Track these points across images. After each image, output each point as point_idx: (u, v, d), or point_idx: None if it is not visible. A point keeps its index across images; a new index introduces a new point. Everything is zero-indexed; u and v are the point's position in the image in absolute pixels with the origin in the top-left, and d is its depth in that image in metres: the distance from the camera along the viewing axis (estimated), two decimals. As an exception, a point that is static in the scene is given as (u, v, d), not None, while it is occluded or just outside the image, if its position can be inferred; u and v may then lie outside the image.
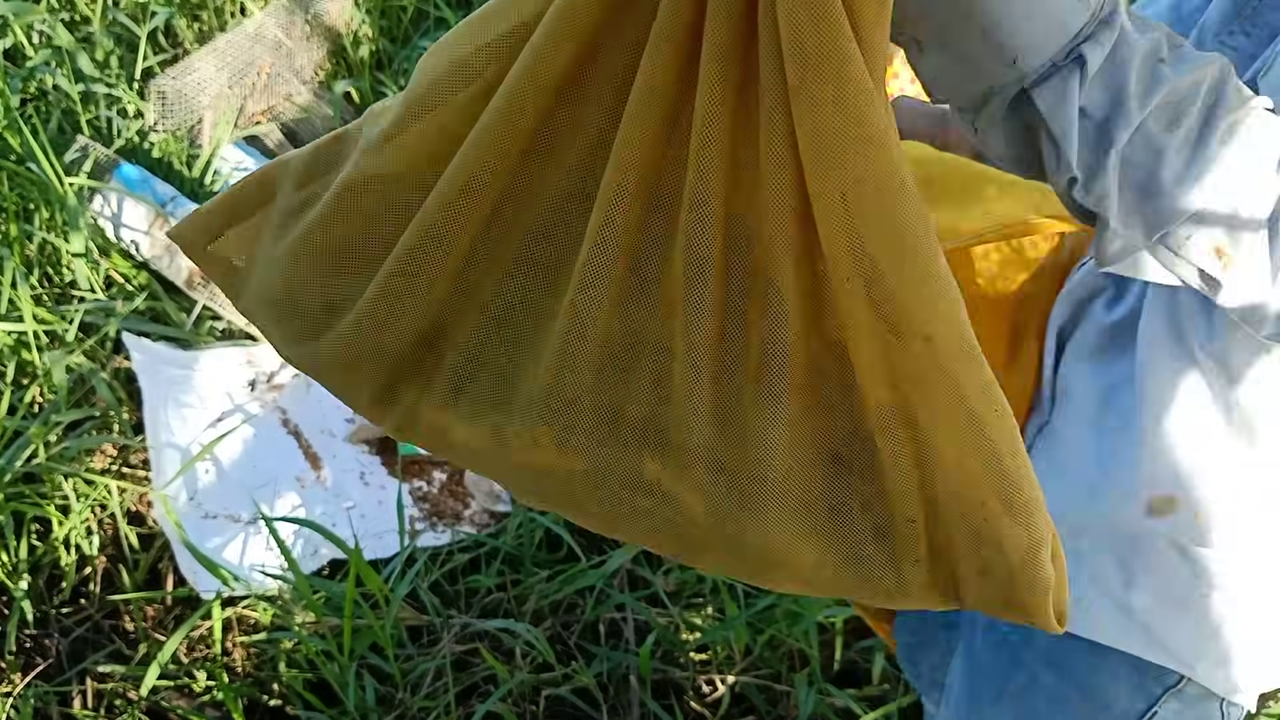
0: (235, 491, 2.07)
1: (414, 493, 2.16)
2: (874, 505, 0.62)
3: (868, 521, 0.62)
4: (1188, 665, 0.92)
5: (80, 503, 1.94)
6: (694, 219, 0.57)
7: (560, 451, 0.62)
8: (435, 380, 0.65)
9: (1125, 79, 0.62)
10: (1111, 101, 0.62)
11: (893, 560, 0.63)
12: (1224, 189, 0.65)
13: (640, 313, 0.60)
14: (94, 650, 1.87)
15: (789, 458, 0.61)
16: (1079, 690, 0.96)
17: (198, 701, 1.82)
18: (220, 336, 2.35)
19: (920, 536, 0.62)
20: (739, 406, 0.60)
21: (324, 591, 1.84)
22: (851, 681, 1.88)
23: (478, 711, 1.72)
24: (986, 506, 0.60)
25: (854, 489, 0.62)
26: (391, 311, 0.62)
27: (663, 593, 1.90)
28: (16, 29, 2.64)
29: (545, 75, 0.57)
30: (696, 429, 0.60)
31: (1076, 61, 0.61)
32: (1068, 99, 0.61)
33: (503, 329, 0.63)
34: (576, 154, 0.60)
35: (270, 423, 2.24)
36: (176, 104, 2.60)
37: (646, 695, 1.79)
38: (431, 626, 1.87)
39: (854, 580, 0.63)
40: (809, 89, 0.53)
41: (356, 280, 0.64)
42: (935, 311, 0.57)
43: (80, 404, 2.09)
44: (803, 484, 0.61)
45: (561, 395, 0.61)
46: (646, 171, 0.58)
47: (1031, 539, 0.61)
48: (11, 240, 2.22)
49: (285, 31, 2.79)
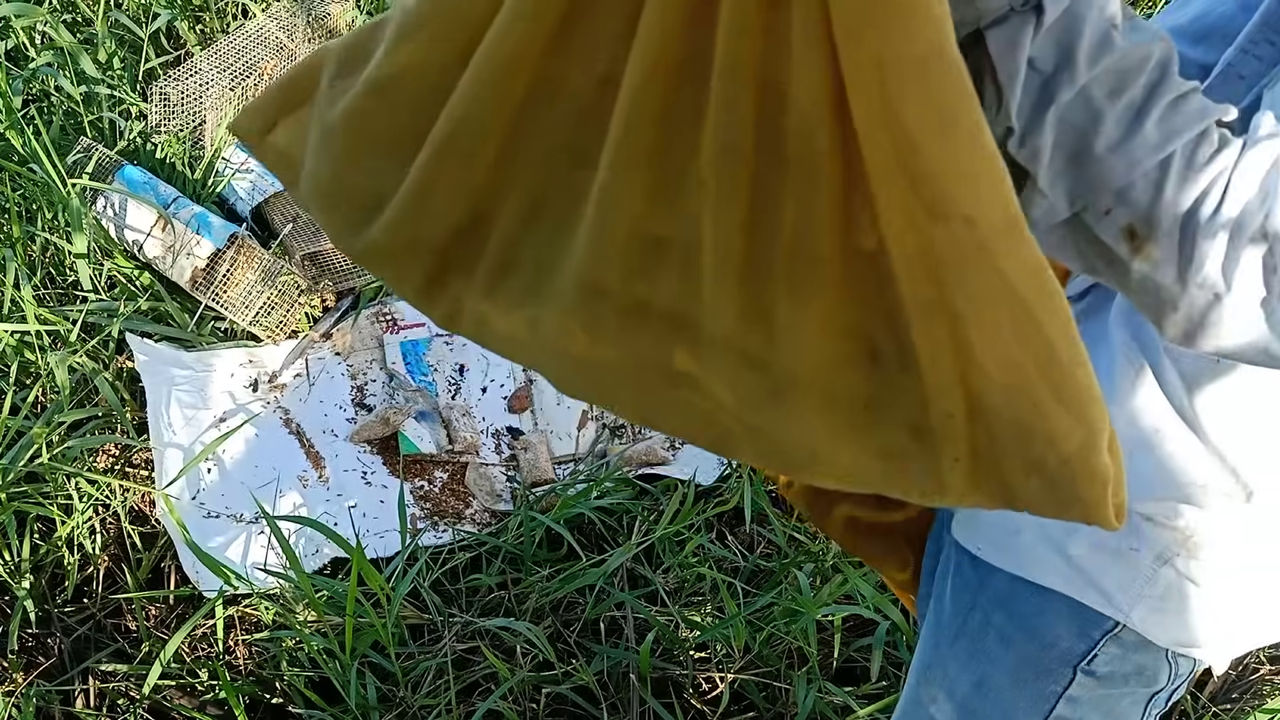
0: (237, 491, 2.08)
1: (415, 492, 2.17)
2: (911, 400, 0.58)
3: (904, 417, 0.59)
4: (1122, 612, 0.95)
5: (83, 502, 1.95)
6: (725, 90, 0.55)
7: (592, 341, 0.61)
8: (477, 270, 0.65)
9: (1078, 36, 0.61)
10: (1060, 57, 0.62)
11: (933, 457, 0.60)
12: (1150, 170, 0.64)
13: (670, 198, 0.58)
14: (96, 649, 1.88)
15: (821, 353, 0.58)
16: (1025, 631, 1.01)
17: (200, 700, 1.83)
18: (223, 337, 2.36)
19: (960, 433, 0.58)
20: (770, 298, 0.58)
21: (326, 590, 1.84)
22: (850, 679, 1.89)
23: (479, 709, 1.73)
24: (1035, 397, 0.57)
25: (891, 383, 0.59)
26: (429, 200, 0.62)
27: (662, 591, 1.91)
28: (19, 30, 2.65)
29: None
30: (725, 320, 0.58)
31: (1034, 9, 0.60)
32: (1019, 45, 0.61)
33: (539, 218, 0.63)
34: (606, 36, 0.58)
35: (272, 422, 2.24)
36: (179, 106, 2.61)
37: (646, 693, 1.79)
38: (433, 625, 1.88)
39: (892, 477, 0.61)
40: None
41: (398, 170, 0.63)
42: (977, 191, 0.53)
43: (83, 404, 2.09)
44: (836, 379, 0.59)
45: (592, 285, 0.60)
46: (675, 47, 0.55)
47: (1087, 430, 0.58)
48: (15, 241, 2.23)
49: (287, 33, 2.80)
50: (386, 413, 2.25)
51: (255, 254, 2.35)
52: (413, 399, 2.31)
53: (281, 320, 2.36)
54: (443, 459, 2.22)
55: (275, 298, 2.35)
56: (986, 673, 1.05)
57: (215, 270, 2.33)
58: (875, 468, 0.61)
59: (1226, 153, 0.64)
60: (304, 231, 2.47)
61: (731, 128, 0.55)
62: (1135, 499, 0.88)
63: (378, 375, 2.37)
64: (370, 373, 2.38)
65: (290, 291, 2.37)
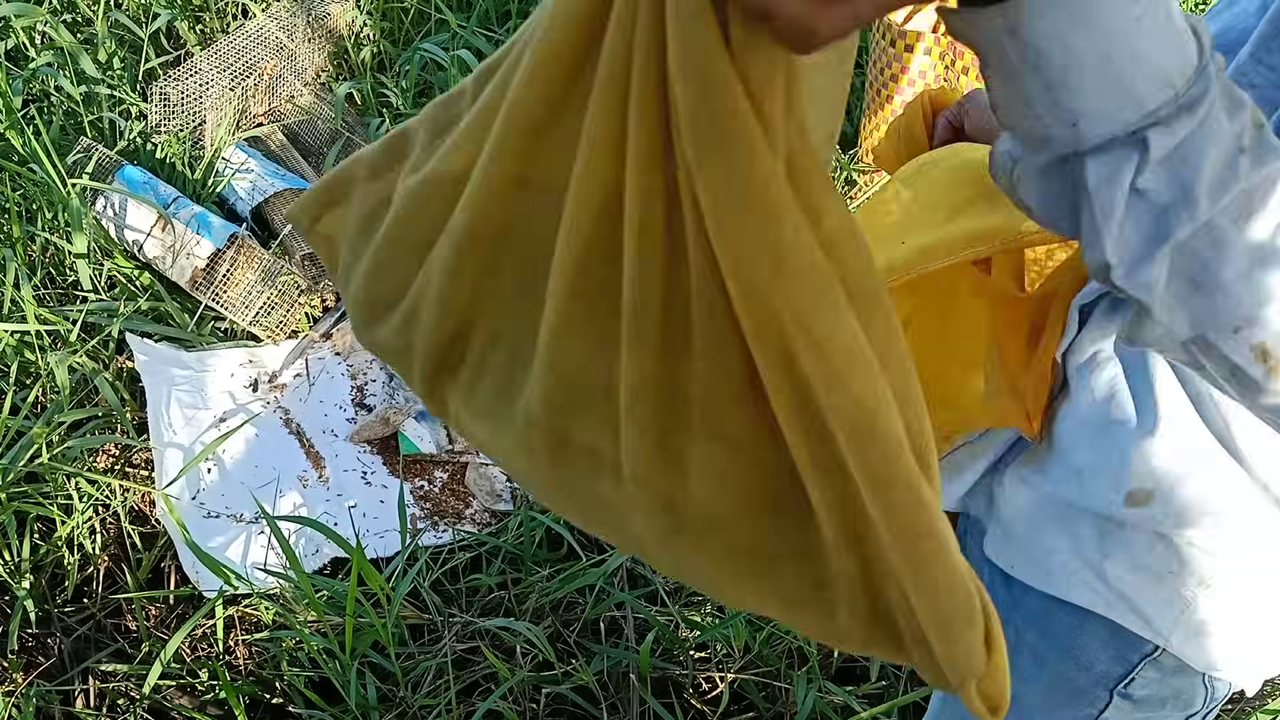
0: (238, 491, 2.09)
1: (415, 492, 2.17)
2: (812, 555, 0.60)
3: (806, 571, 0.60)
4: (1162, 636, 0.94)
5: (83, 502, 1.95)
6: (636, 242, 0.56)
7: (531, 464, 0.66)
8: (460, 377, 0.69)
9: (1195, 172, 0.55)
10: (1177, 192, 0.55)
11: (831, 608, 0.61)
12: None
13: (596, 344, 0.60)
14: (96, 649, 1.88)
15: (730, 502, 0.60)
16: (1060, 651, 0.99)
17: (200, 700, 1.83)
18: (223, 337, 2.36)
19: (857, 590, 0.60)
20: (681, 447, 0.60)
21: (326, 590, 1.85)
22: (849, 679, 1.89)
23: (479, 709, 1.73)
24: (904, 581, 0.58)
25: (793, 537, 0.60)
26: (422, 311, 0.67)
27: (662, 591, 1.91)
28: (19, 30, 2.65)
29: (523, 117, 0.59)
30: (639, 463, 0.61)
31: (1139, 143, 0.54)
32: (1119, 181, 0.55)
33: (500, 343, 0.67)
34: (560, 185, 0.60)
35: (273, 422, 2.25)
36: (179, 106, 2.61)
37: (646, 693, 1.79)
38: (433, 625, 1.88)
39: (795, 620, 0.63)
40: (705, 169, 0.51)
41: (411, 276, 0.68)
42: (849, 393, 0.54)
43: (83, 404, 2.10)
44: (742, 529, 0.61)
45: (528, 414, 0.64)
46: (604, 191, 0.57)
47: (957, 649, 0.60)
48: (15, 241, 2.23)
49: (287, 33, 2.80)
50: (386, 413, 2.25)
51: (255, 254, 2.35)
52: (413, 398, 2.32)
53: (281, 320, 2.36)
54: (443, 459, 2.22)
55: (275, 298, 2.35)
56: (1018, 692, 1.01)
57: (215, 270, 2.33)
58: (779, 610, 0.63)
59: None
60: (304, 231, 2.47)
61: (642, 284, 0.56)
62: (1178, 525, 0.88)
63: (378, 375, 2.38)
64: (370, 372, 2.38)
65: (290, 291, 2.37)
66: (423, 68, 2.89)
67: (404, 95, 2.84)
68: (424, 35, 3.01)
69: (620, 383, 0.60)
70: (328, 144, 2.74)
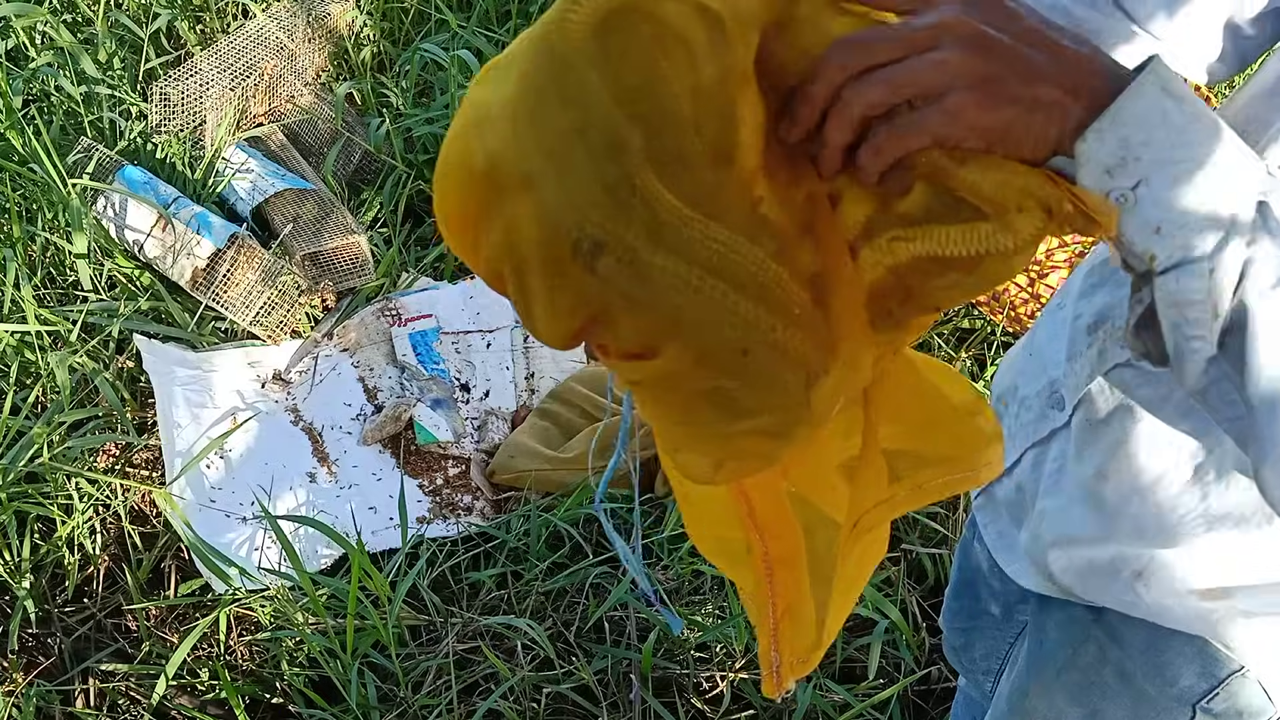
0: (246, 489, 2.09)
1: (424, 487, 2.17)
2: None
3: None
4: (1250, 659, 0.95)
5: (83, 502, 1.95)
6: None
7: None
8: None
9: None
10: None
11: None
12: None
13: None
14: (96, 649, 1.88)
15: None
16: (1145, 667, 0.99)
17: (201, 699, 1.83)
18: (224, 337, 2.36)
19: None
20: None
21: (328, 589, 1.85)
22: (849, 678, 1.89)
23: (479, 709, 1.73)
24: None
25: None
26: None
27: (663, 591, 1.91)
28: (19, 30, 2.65)
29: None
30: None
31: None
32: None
33: None
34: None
35: (281, 421, 2.25)
36: (179, 106, 2.61)
37: (647, 692, 1.79)
38: (433, 624, 1.88)
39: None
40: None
41: None
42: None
43: (83, 404, 2.10)
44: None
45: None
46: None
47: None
48: (15, 241, 2.23)
49: (287, 33, 2.80)
50: (397, 409, 2.25)
51: (255, 254, 2.35)
52: (426, 387, 2.32)
53: (282, 320, 2.36)
54: (452, 453, 2.23)
55: (275, 298, 2.35)
56: (1100, 707, 1.03)
57: (215, 270, 2.33)
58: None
59: None
60: (304, 231, 2.47)
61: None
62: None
63: (386, 369, 2.37)
64: (379, 367, 2.38)
65: (290, 291, 2.37)
66: (423, 68, 2.89)
67: (404, 95, 2.84)
68: (424, 35, 3.01)
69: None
70: (328, 144, 2.74)
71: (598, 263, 0.56)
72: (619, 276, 0.57)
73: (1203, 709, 0.98)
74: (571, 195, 0.56)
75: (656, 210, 0.56)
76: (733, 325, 0.57)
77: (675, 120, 0.56)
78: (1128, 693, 1.01)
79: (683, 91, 0.55)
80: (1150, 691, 1.00)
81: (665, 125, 0.55)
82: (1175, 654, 0.97)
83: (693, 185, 0.56)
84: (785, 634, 0.72)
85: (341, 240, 2.45)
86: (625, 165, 0.55)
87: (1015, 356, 1.12)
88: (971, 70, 0.56)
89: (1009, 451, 1.04)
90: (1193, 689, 0.98)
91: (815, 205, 0.61)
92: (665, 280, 0.56)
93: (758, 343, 0.58)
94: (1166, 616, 0.95)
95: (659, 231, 0.56)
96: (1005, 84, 0.56)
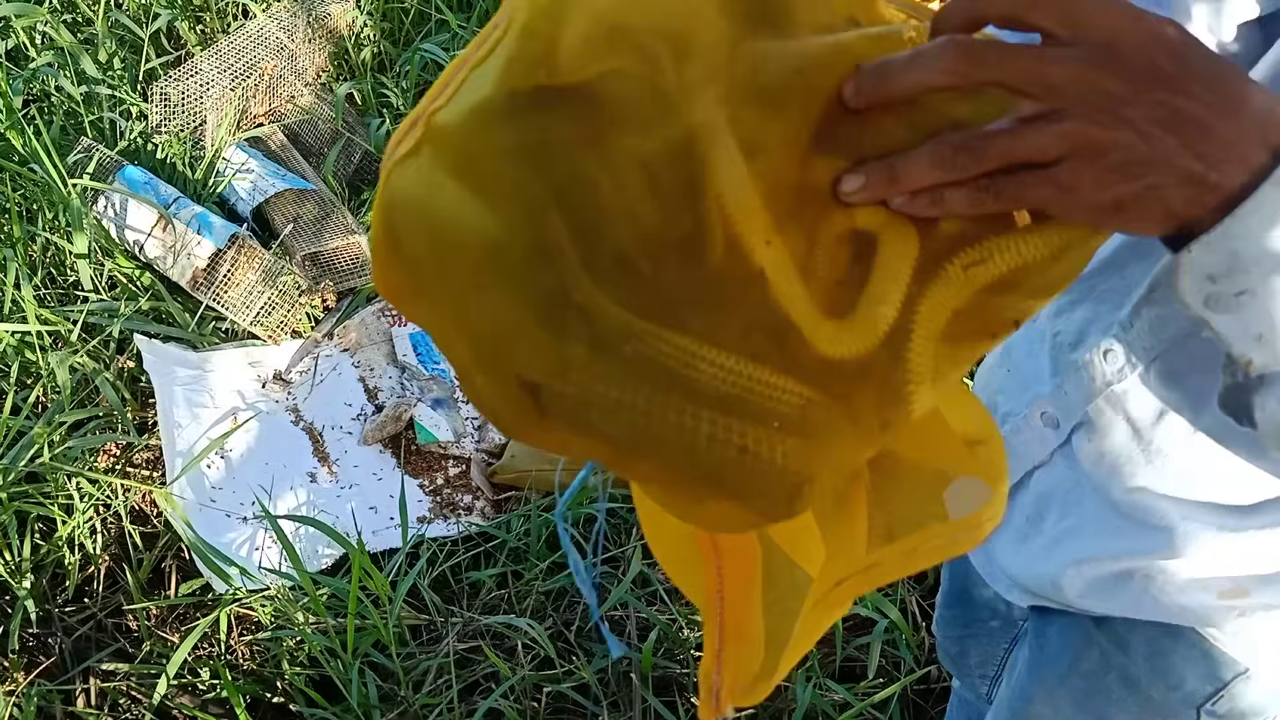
0: (247, 489, 2.09)
1: (424, 487, 2.17)
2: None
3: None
4: (1257, 661, 0.94)
5: (84, 502, 1.95)
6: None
7: None
8: None
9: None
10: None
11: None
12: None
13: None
14: (97, 649, 1.88)
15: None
16: (1150, 672, 0.99)
17: (201, 699, 1.83)
18: (224, 337, 2.36)
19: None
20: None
21: (328, 588, 1.85)
22: (848, 677, 1.89)
23: (480, 708, 1.73)
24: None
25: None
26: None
27: (663, 590, 1.91)
28: (19, 30, 2.65)
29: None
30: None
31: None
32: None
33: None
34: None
35: (282, 420, 2.25)
36: (179, 106, 2.62)
37: (648, 692, 1.80)
38: (433, 624, 1.88)
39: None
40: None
41: None
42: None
43: (84, 404, 2.10)
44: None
45: None
46: None
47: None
48: (15, 241, 2.23)
49: (288, 34, 2.80)
50: (398, 409, 2.25)
51: (256, 254, 2.35)
52: (427, 387, 2.32)
53: (282, 320, 2.37)
54: (453, 453, 2.23)
55: (276, 298, 2.35)
56: (1106, 713, 1.03)
57: (216, 270, 2.33)
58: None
59: None
60: (305, 232, 2.47)
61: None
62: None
63: (387, 369, 2.37)
64: (379, 367, 2.38)
65: (291, 292, 2.37)
66: (423, 68, 2.89)
67: (404, 95, 2.84)
68: (424, 35, 3.01)
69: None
70: (328, 144, 2.75)
71: (539, 398, 0.50)
72: (559, 409, 0.50)
73: (1207, 712, 0.98)
74: (497, 325, 0.49)
75: (597, 329, 0.48)
76: (704, 440, 0.50)
77: (609, 216, 0.47)
78: (1133, 698, 1.00)
79: (613, 181, 0.47)
80: (1155, 696, 0.99)
81: (600, 224, 0.47)
82: (1179, 658, 0.97)
83: (645, 288, 0.48)
84: (730, 655, 0.65)
85: (342, 240, 2.45)
86: (556, 280, 0.47)
87: (991, 372, 1.10)
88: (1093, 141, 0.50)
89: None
90: (1197, 692, 0.97)
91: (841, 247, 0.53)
92: (611, 407, 0.49)
93: (728, 460, 0.51)
94: (1179, 615, 0.95)
95: (603, 353, 0.48)
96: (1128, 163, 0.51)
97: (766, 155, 0.49)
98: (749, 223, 0.49)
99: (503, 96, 0.49)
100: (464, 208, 0.49)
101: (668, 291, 0.48)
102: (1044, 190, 0.51)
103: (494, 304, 0.49)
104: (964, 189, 0.51)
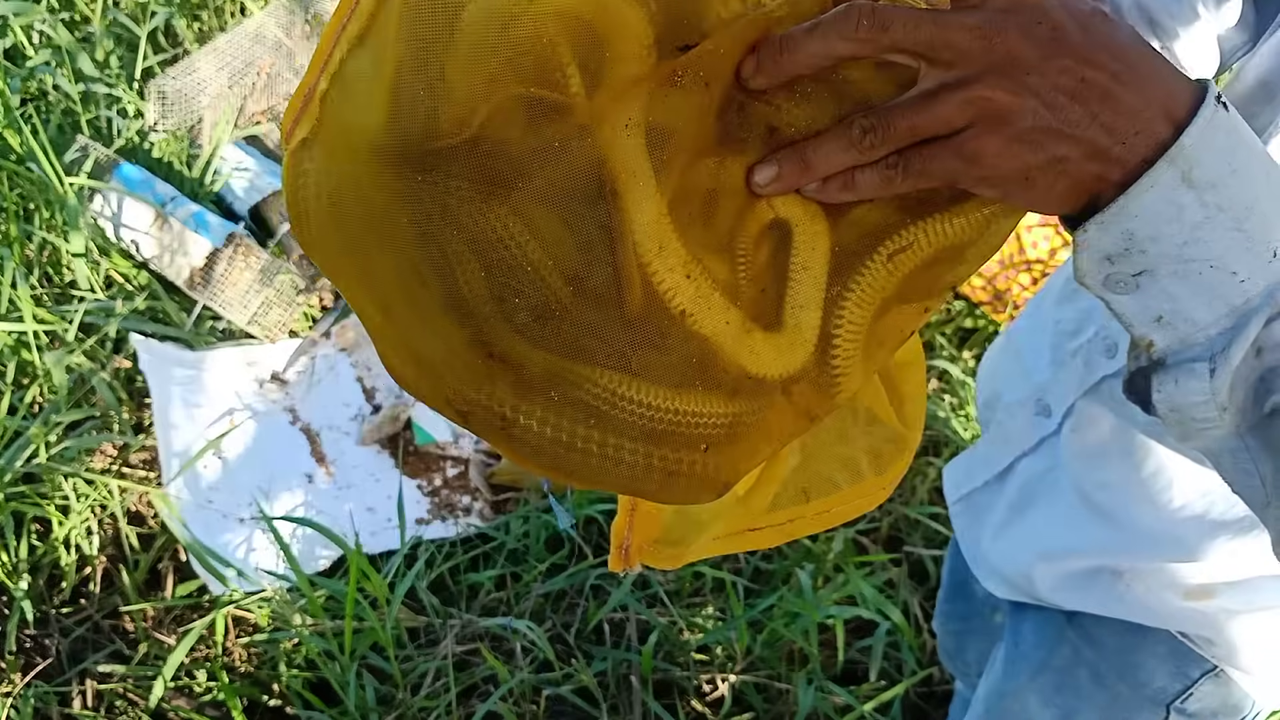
0: (243, 490, 2.08)
1: (422, 488, 2.16)
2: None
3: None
4: (1224, 658, 0.94)
5: (80, 503, 1.94)
6: None
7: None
8: None
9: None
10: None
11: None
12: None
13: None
14: (94, 650, 1.87)
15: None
16: (1119, 668, 0.99)
17: (198, 701, 1.82)
18: (221, 336, 2.35)
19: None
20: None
21: (326, 590, 1.84)
22: (850, 679, 1.88)
23: (478, 711, 1.72)
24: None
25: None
26: None
27: (663, 593, 1.90)
28: (16, 29, 2.64)
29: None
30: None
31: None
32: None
33: None
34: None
35: (279, 421, 2.24)
36: (176, 104, 2.60)
37: (648, 695, 1.79)
38: (431, 626, 1.87)
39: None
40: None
41: None
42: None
43: (80, 404, 2.08)
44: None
45: None
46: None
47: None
48: (11, 240, 2.22)
49: (285, 31, 2.79)
50: (395, 409, 2.24)
51: (253, 253, 2.34)
52: (421, 389, 2.32)
53: (279, 320, 2.35)
54: (451, 454, 2.22)
55: (273, 297, 2.34)
56: (1074, 708, 1.02)
57: (213, 269, 2.32)
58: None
59: None
60: (302, 230, 2.46)
61: None
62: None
63: (385, 371, 2.37)
64: (377, 367, 2.37)
65: (288, 291, 2.36)
66: (422, 66, 2.88)
67: (403, 94, 2.83)
68: (423, 33, 3.00)
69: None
70: (326, 143, 2.73)
71: (470, 423, 0.51)
72: (491, 436, 0.51)
73: (1176, 709, 0.98)
74: (421, 350, 0.50)
75: (522, 374, 0.49)
76: (628, 469, 0.51)
77: (523, 270, 0.47)
78: (1101, 694, 1.00)
79: (527, 229, 0.47)
80: (1124, 692, 0.99)
81: (516, 279, 0.47)
82: (1148, 655, 0.97)
83: (567, 332, 0.48)
84: (643, 513, 0.64)
85: (340, 239, 2.44)
86: (473, 332, 0.48)
87: (996, 360, 1.10)
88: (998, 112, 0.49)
89: (997, 458, 1.03)
90: (1166, 689, 0.97)
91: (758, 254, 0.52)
92: (539, 442, 0.50)
93: (658, 482, 0.52)
94: (1145, 615, 0.95)
95: (528, 395, 0.49)
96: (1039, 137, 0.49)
97: (676, 137, 0.48)
98: (666, 263, 0.49)
99: (394, 148, 0.47)
100: (368, 238, 0.48)
101: (591, 334, 0.49)
102: (950, 163, 0.49)
103: (416, 333, 0.49)
104: (874, 169, 0.50)
